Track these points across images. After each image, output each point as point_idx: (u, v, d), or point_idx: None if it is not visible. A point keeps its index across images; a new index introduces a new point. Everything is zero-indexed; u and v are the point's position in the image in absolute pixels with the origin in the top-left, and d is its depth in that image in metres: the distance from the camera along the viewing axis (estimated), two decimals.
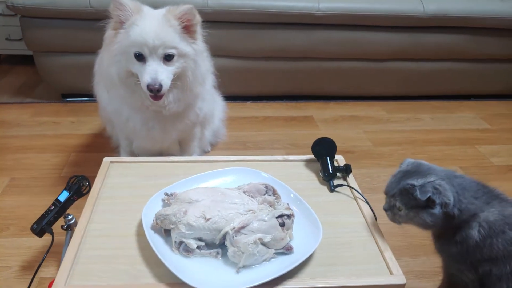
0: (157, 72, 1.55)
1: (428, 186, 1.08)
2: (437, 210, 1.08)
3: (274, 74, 2.91)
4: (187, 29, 1.59)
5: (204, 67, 1.75)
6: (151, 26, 1.53)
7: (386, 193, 1.19)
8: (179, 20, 1.55)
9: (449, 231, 1.14)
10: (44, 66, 2.78)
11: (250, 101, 3.02)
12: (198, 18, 1.60)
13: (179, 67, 1.62)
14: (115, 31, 1.58)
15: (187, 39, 1.61)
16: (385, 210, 1.20)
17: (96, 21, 1.66)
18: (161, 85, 1.56)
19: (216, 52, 1.84)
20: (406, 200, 1.12)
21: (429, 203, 1.09)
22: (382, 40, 2.82)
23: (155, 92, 1.57)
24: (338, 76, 2.98)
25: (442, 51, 2.95)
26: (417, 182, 1.10)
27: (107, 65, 1.66)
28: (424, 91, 3.18)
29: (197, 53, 1.66)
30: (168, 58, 1.58)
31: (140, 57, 1.56)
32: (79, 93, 2.84)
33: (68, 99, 2.94)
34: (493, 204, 1.11)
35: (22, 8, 2.49)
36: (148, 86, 1.55)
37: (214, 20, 2.56)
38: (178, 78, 1.65)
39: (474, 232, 1.09)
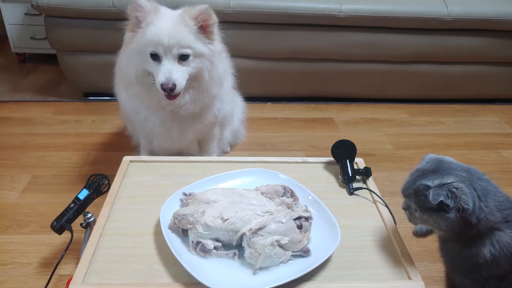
0: (171, 71, 1.56)
1: (442, 188, 0.99)
2: (452, 214, 0.99)
3: (295, 75, 2.90)
4: (204, 29, 1.59)
5: (221, 68, 1.74)
6: (167, 25, 1.53)
7: (402, 192, 1.11)
8: (195, 20, 1.55)
9: (459, 238, 1.07)
10: (67, 65, 2.81)
11: (270, 102, 3.01)
12: (214, 18, 1.60)
13: (195, 68, 1.62)
14: (133, 33, 1.60)
15: (203, 39, 1.60)
16: (403, 209, 1.13)
17: (118, 21, 1.67)
18: (174, 85, 1.56)
19: (237, 52, 1.84)
20: (420, 202, 1.04)
21: (443, 207, 1.00)
22: (404, 42, 2.79)
23: (169, 91, 1.57)
24: (359, 78, 2.96)
25: (466, 54, 2.90)
26: (432, 183, 1.01)
27: (124, 64, 1.68)
28: (447, 94, 3.14)
29: (214, 54, 1.66)
30: (183, 58, 1.58)
31: (156, 57, 1.57)
32: (101, 92, 2.88)
33: (89, 97, 2.97)
34: None
35: (47, 7, 2.53)
36: (162, 85, 1.56)
37: (235, 21, 2.58)
38: (194, 79, 1.65)
39: (486, 252, 1.02)
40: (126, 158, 1.49)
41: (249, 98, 2.46)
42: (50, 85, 3.18)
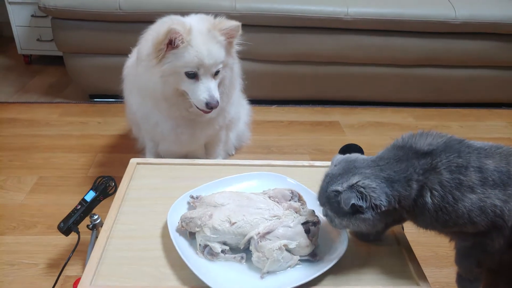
0: (211, 89, 1.59)
1: (352, 191, 0.96)
2: (368, 214, 0.96)
3: (301, 78, 2.90)
4: (229, 43, 1.62)
5: (236, 70, 1.78)
6: (203, 45, 1.54)
7: (318, 201, 1.08)
8: (225, 35, 1.57)
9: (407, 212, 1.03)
10: (74, 67, 2.82)
11: (275, 105, 3.01)
12: (240, 33, 1.63)
13: (221, 78, 1.66)
14: (161, 56, 1.56)
15: (229, 50, 1.64)
16: (324, 216, 1.10)
17: (125, 23, 1.67)
18: (218, 102, 1.59)
19: (243, 55, 1.83)
20: (335, 209, 1.01)
21: (358, 209, 0.96)
22: (411, 45, 2.79)
23: (214, 108, 1.61)
24: (365, 81, 2.95)
25: (473, 57, 2.89)
26: (341, 187, 0.98)
27: (149, 82, 1.63)
28: (453, 98, 3.13)
29: (234, 60, 1.71)
30: (217, 73, 1.61)
31: (192, 75, 1.58)
32: (107, 93, 2.88)
33: (96, 99, 2.98)
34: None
35: (54, 9, 2.53)
36: (207, 104, 1.58)
37: (241, 24, 2.57)
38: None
39: (428, 199, 0.96)
40: (133, 160, 1.48)
41: (255, 101, 2.46)
42: (56, 86, 3.19)
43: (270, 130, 2.71)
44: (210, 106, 1.59)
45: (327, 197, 1.02)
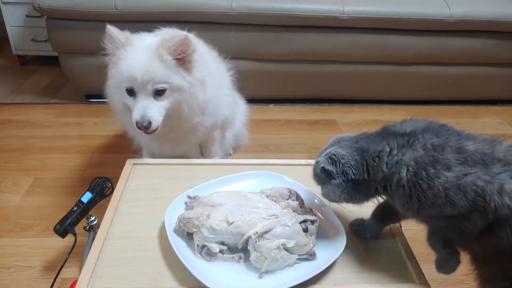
0: (146, 108, 1.49)
1: (324, 157, 1.05)
2: (339, 180, 1.04)
3: (298, 77, 2.90)
4: (183, 61, 1.51)
5: (202, 97, 1.64)
6: (140, 60, 1.46)
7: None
8: (173, 53, 1.47)
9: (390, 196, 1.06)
10: (69, 67, 2.81)
11: (272, 104, 3.00)
12: (193, 48, 1.51)
13: (173, 101, 1.54)
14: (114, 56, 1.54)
15: (181, 72, 1.52)
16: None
17: (121, 22, 1.66)
18: (149, 122, 1.48)
19: (239, 54, 1.83)
20: (317, 178, 1.11)
21: (332, 175, 1.04)
22: (407, 43, 2.79)
23: (143, 129, 1.50)
24: (362, 79, 2.95)
25: (468, 55, 2.89)
26: (320, 157, 1.08)
27: (109, 93, 1.64)
28: (449, 96, 3.14)
29: (193, 85, 1.57)
30: (159, 93, 1.50)
31: (131, 92, 1.50)
32: (103, 94, 2.86)
33: (91, 100, 2.96)
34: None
35: (49, 9, 2.52)
36: (136, 123, 1.49)
37: (237, 23, 2.57)
38: (172, 109, 1.57)
39: (403, 174, 0.99)
40: (130, 161, 1.48)
41: (252, 100, 2.45)
42: (51, 87, 3.17)
43: (267, 129, 2.71)
44: (138, 126, 1.49)
45: (314, 169, 1.11)
